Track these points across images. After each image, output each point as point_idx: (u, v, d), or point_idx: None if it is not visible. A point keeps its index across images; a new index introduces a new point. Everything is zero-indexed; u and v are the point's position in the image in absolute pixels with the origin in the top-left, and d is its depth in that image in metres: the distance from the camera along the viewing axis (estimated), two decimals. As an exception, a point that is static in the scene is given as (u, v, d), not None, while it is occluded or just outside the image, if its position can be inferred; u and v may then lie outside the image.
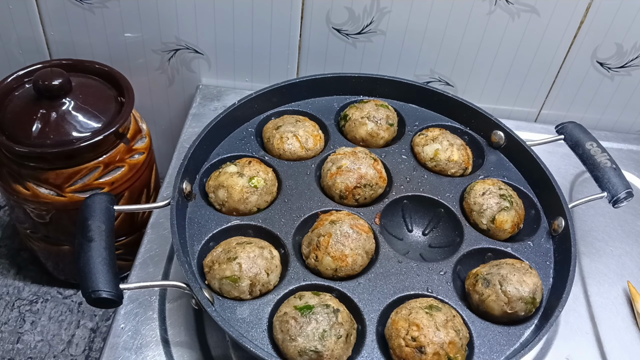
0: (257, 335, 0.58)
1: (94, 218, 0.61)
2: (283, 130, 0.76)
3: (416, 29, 0.93)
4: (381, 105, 0.80)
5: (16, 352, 1.09)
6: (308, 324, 0.57)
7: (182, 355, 0.66)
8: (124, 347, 0.67)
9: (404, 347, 0.57)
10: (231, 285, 0.60)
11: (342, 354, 0.57)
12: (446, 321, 0.58)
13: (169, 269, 0.75)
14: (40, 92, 0.85)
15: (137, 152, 0.93)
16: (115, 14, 0.95)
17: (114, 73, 0.93)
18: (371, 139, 0.78)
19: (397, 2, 0.90)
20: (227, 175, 0.69)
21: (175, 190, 0.65)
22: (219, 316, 0.56)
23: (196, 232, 0.66)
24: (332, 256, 0.62)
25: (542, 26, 0.91)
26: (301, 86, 0.82)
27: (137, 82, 0.98)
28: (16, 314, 1.14)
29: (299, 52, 0.99)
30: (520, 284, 0.61)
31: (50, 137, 0.84)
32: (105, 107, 0.89)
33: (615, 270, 0.80)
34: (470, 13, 0.90)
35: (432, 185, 0.74)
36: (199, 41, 0.99)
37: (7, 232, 1.27)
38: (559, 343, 0.71)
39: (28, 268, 1.21)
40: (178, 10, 0.94)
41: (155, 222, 0.80)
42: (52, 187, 0.88)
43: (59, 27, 0.98)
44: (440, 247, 0.71)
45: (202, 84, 1.05)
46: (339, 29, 0.94)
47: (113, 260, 0.58)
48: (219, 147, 0.76)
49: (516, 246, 0.68)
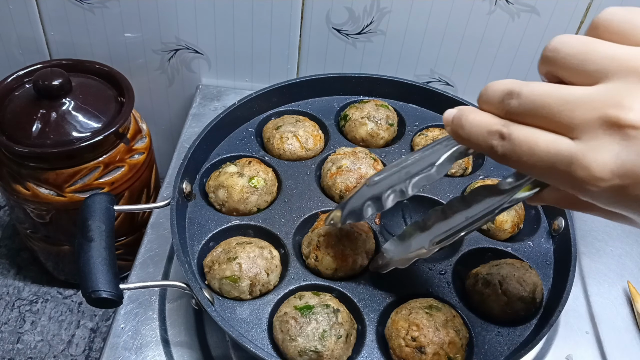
0: (257, 335, 0.58)
1: (94, 218, 0.61)
2: (283, 130, 0.76)
3: (416, 29, 0.93)
4: (381, 105, 0.80)
5: (16, 352, 1.09)
6: (308, 324, 0.57)
7: (182, 355, 0.66)
8: (124, 347, 0.67)
9: (404, 347, 0.57)
10: (231, 285, 0.60)
11: (342, 354, 0.57)
12: (446, 321, 0.58)
13: (169, 269, 0.75)
14: (40, 92, 0.85)
15: (137, 152, 0.94)
16: (115, 14, 0.95)
17: (114, 73, 0.93)
18: (371, 139, 0.78)
19: (397, 2, 0.90)
20: (227, 175, 0.69)
21: (175, 190, 0.65)
22: (219, 316, 0.56)
23: (196, 232, 0.66)
24: (332, 256, 0.62)
25: (542, 26, 0.91)
26: (301, 86, 0.82)
27: (137, 82, 0.98)
28: (16, 314, 1.14)
29: (299, 52, 0.99)
30: (520, 284, 0.61)
31: (50, 137, 0.84)
32: (105, 107, 0.89)
33: (615, 270, 0.80)
34: (470, 13, 0.90)
35: (432, 185, 0.74)
36: (199, 41, 0.99)
37: (7, 232, 1.27)
38: (559, 343, 0.71)
39: (28, 268, 1.21)
40: (178, 10, 0.94)
41: (155, 222, 0.80)
42: (52, 187, 0.88)
43: (59, 27, 0.98)
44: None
45: (202, 84, 1.05)
46: (339, 29, 0.94)
47: (113, 260, 0.58)
48: (219, 147, 0.76)
49: (516, 246, 0.68)
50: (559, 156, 0.30)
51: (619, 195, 0.29)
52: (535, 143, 0.31)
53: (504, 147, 0.32)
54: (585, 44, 0.31)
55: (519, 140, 0.32)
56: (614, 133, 0.28)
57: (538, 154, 0.31)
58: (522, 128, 0.32)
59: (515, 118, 0.32)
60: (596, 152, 0.29)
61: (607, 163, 0.28)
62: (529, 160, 0.31)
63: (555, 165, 0.30)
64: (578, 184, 0.30)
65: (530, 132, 0.31)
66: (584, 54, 0.31)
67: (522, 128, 0.32)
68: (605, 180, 0.29)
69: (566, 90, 0.31)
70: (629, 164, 0.28)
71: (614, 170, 0.28)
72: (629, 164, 0.28)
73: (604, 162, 0.28)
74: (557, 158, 0.30)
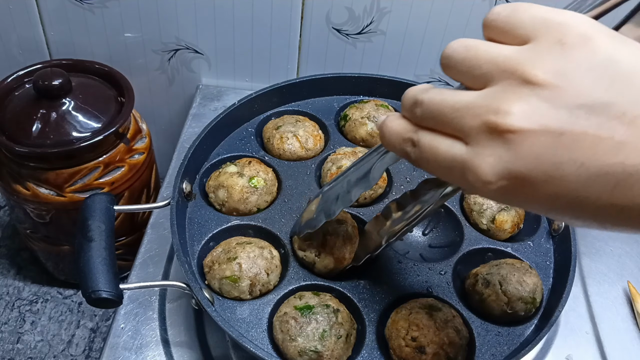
0: (257, 335, 0.58)
1: (94, 218, 0.61)
2: (283, 130, 0.76)
3: (416, 29, 0.93)
4: (381, 105, 0.80)
5: (16, 352, 1.09)
6: (308, 324, 0.57)
7: (182, 355, 0.66)
8: (124, 347, 0.67)
9: (404, 347, 0.57)
10: (231, 285, 0.60)
11: (342, 354, 0.57)
12: (446, 321, 0.58)
13: (169, 269, 0.75)
14: (40, 92, 0.85)
15: (137, 152, 0.94)
16: (115, 14, 0.95)
17: (114, 73, 0.93)
18: (371, 139, 0.78)
19: (397, 2, 0.90)
20: (227, 175, 0.69)
21: (175, 190, 0.65)
22: (219, 316, 0.56)
23: (196, 232, 0.66)
24: (334, 257, 0.62)
25: (542, 26, 0.90)
26: (301, 86, 0.82)
27: (137, 82, 0.98)
28: (16, 314, 1.14)
29: (299, 52, 0.99)
30: (520, 284, 0.61)
31: (50, 137, 0.84)
32: (105, 107, 0.89)
33: (615, 270, 0.80)
34: (470, 13, 0.90)
35: (432, 185, 0.74)
36: (199, 41, 0.99)
37: (7, 232, 1.27)
38: (559, 343, 0.71)
39: (28, 268, 1.21)
40: (178, 10, 0.94)
41: (155, 222, 0.80)
42: (52, 187, 0.88)
43: (59, 27, 0.98)
44: (440, 247, 0.71)
45: (202, 84, 1.05)
46: (339, 29, 0.94)
47: (113, 260, 0.58)
48: (219, 147, 0.76)
49: (516, 246, 0.68)
50: (455, 161, 0.31)
51: (509, 195, 0.30)
52: (436, 149, 0.32)
53: (414, 154, 0.34)
54: (468, 49, 0.31)
55: (424, 147, 0.33)
56: (495, 138, 0.29)
57: (439, 160, 0.32)
58: (427, 135, 0.33)
59: (423, 124, 0.34)
60: (482, 157, 0.30)
61: (492, 166, 0.29)
62: (434, 165, 0.33)
63: (453, 169, 0.31)
64: (471, 186, 0.31)
65: (433, 139, 0.33)
66: (469, 59, 0.31)
67: (427, 135, 0.33)
68: (492, 183, 0.30)
69: (458, 96, 0.31)
70: (511, 166, 0.29)
71: (498, 174, 0.29)
72: (510, 167, 0.29)
73: (489, 166, 0.29)
74: (453, 163, 0.31)
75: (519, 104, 0.28)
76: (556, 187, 0.29)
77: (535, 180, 0.29)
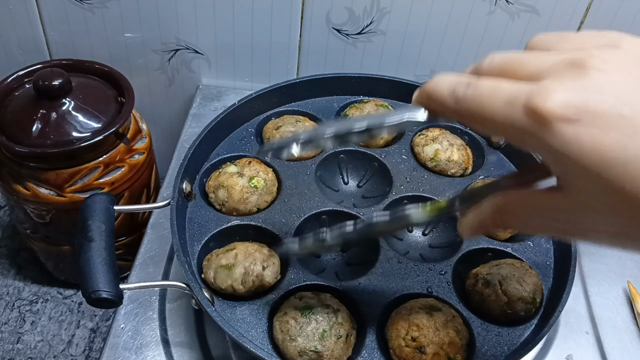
0: (257, 335, 0.58)
1: (94, 218, 0.61)
2: (283, 131, 0.76)
3: (416, 29, 0.93)
4: (381, 105, 0.80)
5: (16, 352, 1.09)
6: (308, 324, 0.57)
7: (182, 355, 0.66)
8: (124, 347, 0.67)
9: (404, 347, 0.57)
10: (225, 272, 0.59)
11: (342, 354, 0.57)
12: (446, 321, 0.58)
13: (169, 269, 0.75)
14: (40, 92, 0.85)
15: (137, 152, 0.94)
16: (115, 14, 0.95)
17: (114, 73, 0.93)
18: (371, 139, 0.78)
19: (397, 2, 0.90)
20: (227, 175, 0.69)
21: (175, 190, 0.65)
22: (219, 316, 0.56)
23: (196, 232, 0.66)
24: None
25: (542, 26, 0.91)
26: (301, 86, 0.82)
27: (137, 82, 0.98)
28: (16, 314, 1.14)
29: (299, 52, 0.99)
30: (520, 284, 0.61)
31: (50, 137, 0.84)
32: (105, 107, 0.89)
33: (615, 270, 0.80)
34: (470, 13, 0.90)
35: (432, 185, 0.74)
36: (199, 41, 0.99)
37: (7, 232, 1.27)
38: (559, 343, 0.71)
39: (28, 268, 1.21)
40: (178, 10, 0.94)
41: (155, 222, 0.80)
42: (52, 187, 0.88)
43: (59, 27, 0.98)
44: (440, 247, 0.71)
45: (202, 84, 1.05)
46: (339, 29, 0.94)
47: (113, 260, 0.58)
48: (219, 147, 0.76)
49: (516, 246, 0.68)
50: (520, 92, 0.30)
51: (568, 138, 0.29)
52: (498, 85, 0.32)
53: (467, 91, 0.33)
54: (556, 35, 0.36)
55: (483, 84, 0.32)
56: (577, 72, 0.29)
57: (499, 94, 0.31)
58: (488, 78, 0.33)
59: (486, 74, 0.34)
60: (558, 84, 0.29)
61: (567, 92, 0.29)
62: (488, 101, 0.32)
63: (515, 100, 0.30)
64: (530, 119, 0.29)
65: (495, 79, 0.33)
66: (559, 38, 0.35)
67: (488, 78, 0.33)
68: (559, 113, 0.28)
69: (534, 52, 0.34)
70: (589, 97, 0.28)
71: (570, 101, 0.28)
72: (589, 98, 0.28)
73: (564, 91, 0.29)
74: (517, 93, 0.30)
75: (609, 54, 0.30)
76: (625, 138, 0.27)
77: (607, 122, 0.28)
